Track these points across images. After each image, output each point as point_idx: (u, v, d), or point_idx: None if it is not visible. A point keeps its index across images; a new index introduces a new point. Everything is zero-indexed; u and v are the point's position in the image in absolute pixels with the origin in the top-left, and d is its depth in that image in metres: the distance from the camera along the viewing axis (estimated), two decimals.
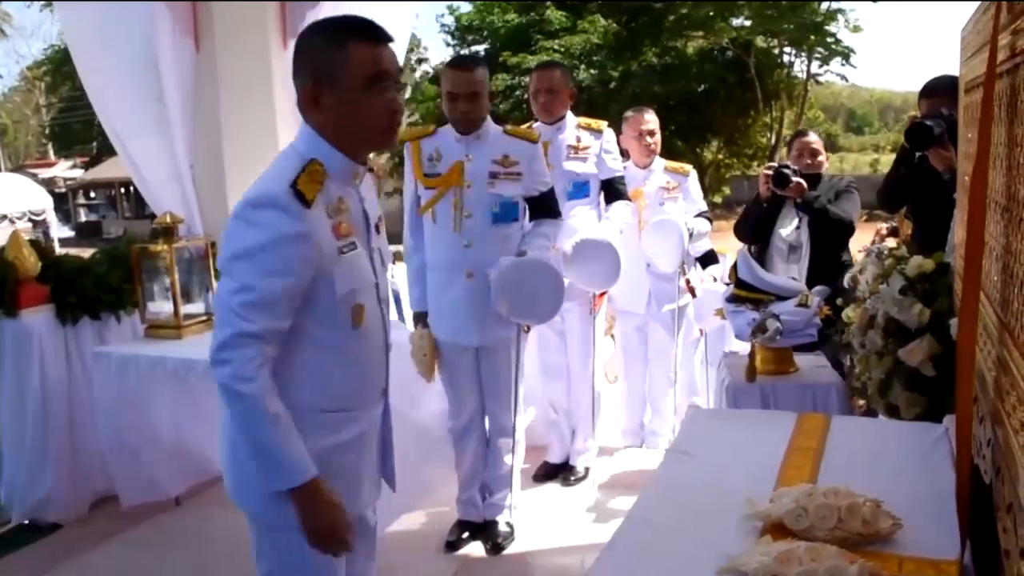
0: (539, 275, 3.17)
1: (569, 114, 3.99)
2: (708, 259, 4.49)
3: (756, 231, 4.01)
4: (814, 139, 4.17)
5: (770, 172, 3.84)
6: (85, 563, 3.56)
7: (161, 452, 3.84)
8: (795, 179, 3.78)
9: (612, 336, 4.69)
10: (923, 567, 1.45)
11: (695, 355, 4.59)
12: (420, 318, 3.43)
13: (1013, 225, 1.37)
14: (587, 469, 4.15)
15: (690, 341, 4.56)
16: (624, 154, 4.24)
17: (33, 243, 4.03)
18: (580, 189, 3.93)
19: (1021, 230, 1.30)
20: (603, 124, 4.04)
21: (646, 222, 4.19)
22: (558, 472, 4.19)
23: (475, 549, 3.49)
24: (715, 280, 4.21)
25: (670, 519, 1.72)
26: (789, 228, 3.91)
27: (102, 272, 4.10)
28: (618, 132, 4.20)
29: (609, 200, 3.97)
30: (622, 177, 4.03)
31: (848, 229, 3.88)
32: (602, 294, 4.07)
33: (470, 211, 3.23)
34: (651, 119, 4.29)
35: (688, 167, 4.47)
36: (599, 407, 4.17)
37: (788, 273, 3.83)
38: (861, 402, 3.04)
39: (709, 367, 4.39)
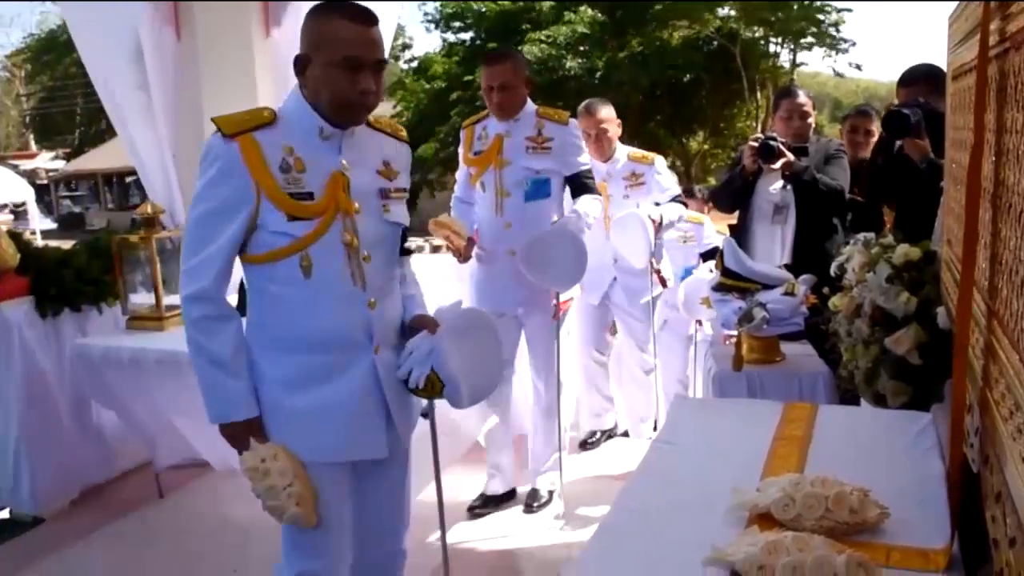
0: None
1: (529, 103, 3.58)
2: (713, 256, 4.39)
3: (738, 200, 3.85)
4: (803, 99, 3.84)
5: (756, 144, 3.65)
6: (67, 557, 3.52)
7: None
8: (783, 153, 3.59)
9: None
10: (911, 556, 1.45)
11: (689, 348, 4.39)
12: None
13: (1002, 212, 1.36)
14: (551, 492, 3.83)
15: (684, 336, 4.46)
16: None
17: (12, 235, 3.98)
18: (540, 188, 3.55)
19: (1010, 216, 1.29)
20: (566, 114, 3.64)
21: (610, 217, 4.08)
22: (502, 502, 3.84)
23: (462, 540, 3.49)
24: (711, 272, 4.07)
25: (656, 509, 1.71)
26: (774, 187, 3.73)
27: (83, 264, 4.06)
28: None
29: (577, 195, 3.62)
30: (589, 170, 3.67)
31: (839, 197, 3.68)
32: (566, 300, 3.97)
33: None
34: (605, 115, 4.13)
35: (652, 155, 4.26)
36: (562, 419, 3.83)
37: (773, 236, 3.74)
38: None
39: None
